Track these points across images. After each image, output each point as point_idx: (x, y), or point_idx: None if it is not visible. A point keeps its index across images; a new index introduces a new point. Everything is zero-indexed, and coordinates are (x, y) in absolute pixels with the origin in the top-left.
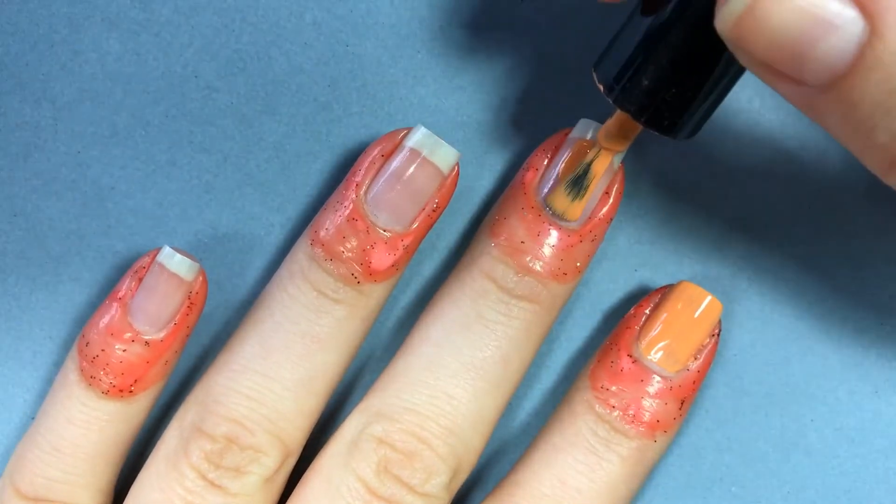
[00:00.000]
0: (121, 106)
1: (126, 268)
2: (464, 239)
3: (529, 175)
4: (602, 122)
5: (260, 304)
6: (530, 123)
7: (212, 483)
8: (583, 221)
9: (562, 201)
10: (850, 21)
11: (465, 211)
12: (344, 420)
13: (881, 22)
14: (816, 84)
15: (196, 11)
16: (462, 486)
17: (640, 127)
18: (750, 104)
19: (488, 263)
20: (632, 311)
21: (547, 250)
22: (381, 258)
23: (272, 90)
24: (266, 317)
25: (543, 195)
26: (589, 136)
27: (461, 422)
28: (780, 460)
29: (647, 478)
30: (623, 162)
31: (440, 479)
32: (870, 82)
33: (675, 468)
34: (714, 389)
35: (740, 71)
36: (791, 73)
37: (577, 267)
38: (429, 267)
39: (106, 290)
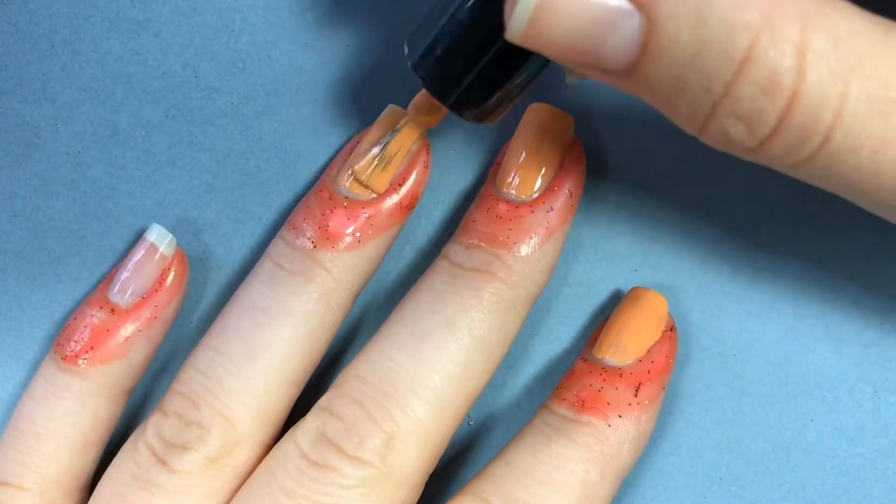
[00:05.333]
0: (121, 106)
1: None
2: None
3: (493, 168)
4: (597, 118)
5: None
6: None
7: (159, 459)
8: (534, 195)
9: (364, 170)
10: (628, 15)
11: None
12: None
13: (655, 11)
14: (617, 72)
15: (196, 11)
16: (443, 483)
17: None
18: None
19: (447, 248)
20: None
21: (495, 222)
22: (339, 222)
23: (272, 90)
24: (232, 299)
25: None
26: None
27: (399, 385)
28: (779, 460)
29: (648, 477)
30: (579, 137)
31: (374, 441)
32: (660, 67)
33: (675, 468)
34: (714, 389)
35: (538, 58)
36: (591, 66)
37: (531, 238)
38: (420, 268)
39: None
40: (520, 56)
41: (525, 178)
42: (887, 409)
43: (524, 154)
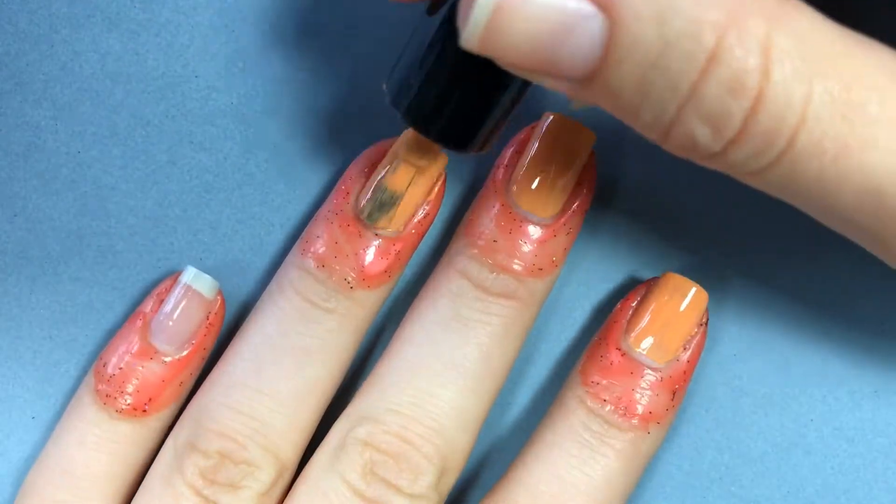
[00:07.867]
0: (121, 106)
1: (126, 267)
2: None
3: (500, 172)
4: (595, 119)
5: (251, 319)
6: (528, 123)
7: (206, 499)
8: (555, 216)
9: (377, 215)
10: (589, 17)
11: (461, 213)
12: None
13: (618, 12)
14: (577, 79)
15: (196, 11)
16: (458, 486)
17: (433, 140)
18: None
19: (463, 263)
20: (619, 305)
21: (520, 247)
22: (375, 262)
23: (272, 90)
24: (257, 331)
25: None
26: (547, 123)
27: (445, 421)
28: (779, 460)
29: (647, 477)
30: (594, 150)
31: (427, 479)
32: (623, 71)
33: (675, 468)
34: (714, 389)
35: (517, 80)
36: (550, 73)
37: (552, 261)
38: (418, 267)
39: (106, 290)
40: (498, 78)
41: (549, 200)
42: (887, 409)
43: (548, 173)
